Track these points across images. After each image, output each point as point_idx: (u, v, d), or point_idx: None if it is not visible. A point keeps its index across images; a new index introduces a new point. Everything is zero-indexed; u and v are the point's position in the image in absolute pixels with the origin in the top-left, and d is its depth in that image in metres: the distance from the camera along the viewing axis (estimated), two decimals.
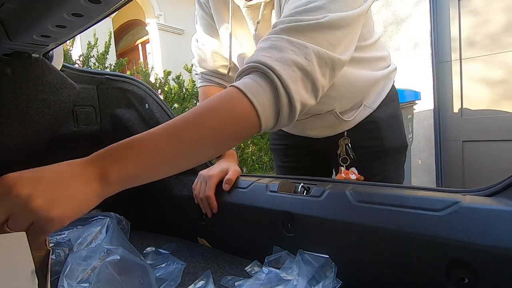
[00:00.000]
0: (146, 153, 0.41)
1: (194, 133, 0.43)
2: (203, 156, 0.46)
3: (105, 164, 0.40)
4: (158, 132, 0.44)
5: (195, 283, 0.61)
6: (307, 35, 0.47)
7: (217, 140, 0.45)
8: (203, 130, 0.44)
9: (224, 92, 0.47)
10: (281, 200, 0.62)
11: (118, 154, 0.41)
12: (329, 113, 0.80)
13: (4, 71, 0.74)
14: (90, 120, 0.97)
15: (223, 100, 0.45)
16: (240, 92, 0.45)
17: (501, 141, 2.33)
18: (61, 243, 0.68)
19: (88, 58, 2.85)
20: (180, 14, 6.27)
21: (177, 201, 0.86)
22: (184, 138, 0.43)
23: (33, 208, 0.34)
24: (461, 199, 0.45)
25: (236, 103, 0.45)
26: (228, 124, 0.45)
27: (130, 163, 0.41)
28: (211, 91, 0.92)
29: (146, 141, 0.43)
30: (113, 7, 0.50)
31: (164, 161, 0.43)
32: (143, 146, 0.42)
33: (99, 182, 0.39)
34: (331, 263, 0.53)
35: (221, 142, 0.46)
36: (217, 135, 0.45)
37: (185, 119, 0.44)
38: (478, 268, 0.41)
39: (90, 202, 0.38)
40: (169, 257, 0.72)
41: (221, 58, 0.89)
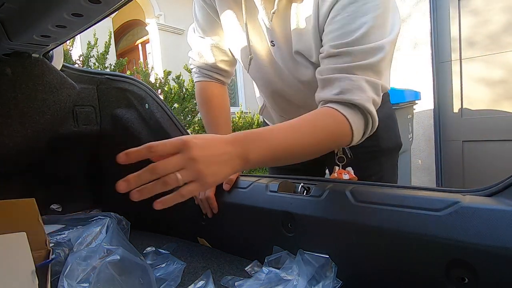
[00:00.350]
0: (275, 143, 0.52)
1: (310, 134, 0.56)
2: (309, 154, 0.58)
3: (248, 147, 0.49)
4: (283, 127, 0.55)
5: (195, 283, 0.61)
6: (375, 70, 0.59)
7: (321, 148, 0.59)
8: (316, 133, 0.57)
9: (335, 117, 0.58)
10: (281, 200, 0.62)
11: (257, 140, 0.51)
12: None
13: (4, 71, 0.74)
14: (90, 120, 0.97)
15: (335, 125, 0.58)
16: (347, 123, 0.58)
17: (501, 141, 2.32)
18: (61, 243, 0.68)
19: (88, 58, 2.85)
20: (180, 14, 6.27)
21: None
22: (302, 135, 0.55)
23: (199, 170, 0.45)
24: (461, 199, 0.45)
25: (343, 129, 0.58)
26: (331, 140, 0.60)
27: (265, 149, 0.51)
28: (210, 87, 0.90)
29: (275, 134, 0.53)
30: (113, 7, 0.50)
31: (286, 152, 0.53)
32: (273, 137, 0.52)
33: (241, 161, 0.49)
34: (331, 263, 0.53)
35: (322, 150, 0.60)
36: (322, 145, 0.59)
37: (305, 121, 0.57)
38: (478, 268, 0.41)
39: (232, 175, 0.51)
40: (169, 257, 0.72)
41: (220, 53, 0.87)
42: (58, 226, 0.78)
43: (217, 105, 0.90)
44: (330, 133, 0.58)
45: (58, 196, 1.02)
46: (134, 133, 0.93)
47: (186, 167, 0.45)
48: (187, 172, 0.45)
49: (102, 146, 1.02)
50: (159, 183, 0.44)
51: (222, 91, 0.92)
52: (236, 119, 4.20)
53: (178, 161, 0.45)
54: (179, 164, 0.45)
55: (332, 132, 0.58)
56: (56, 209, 1.02)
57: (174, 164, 0.45)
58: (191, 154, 0.45)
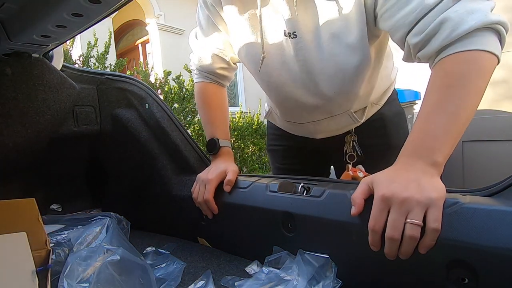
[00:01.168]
0: (442, 130, 0.49)
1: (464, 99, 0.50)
2: None
3: (429, 156, 0.47)
4: (434, 112, 0.51)
5: (195, 283, 0.61)
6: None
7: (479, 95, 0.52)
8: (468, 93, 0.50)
9: (468, 61, 0.51)
10: (281, 200, 0.62)
11: (433, 143, 0.48)
12: (345, 113, 0.80)
13: (4, 71, 0.74)
14: (90, 120, 0.97)
15: (483, 68, 0.51)
16: (486, 54, 0.51)
17: (501, 141, 2.32)
18: (61, 243, 0.68)
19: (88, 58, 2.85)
20: (180, 14, 6.27)
21: (177, 201, 0.86)
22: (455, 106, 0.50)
23: (420, 200, 0.43)
24: (461, 199, 0.45)
25: (490, 64, 0.51)
26: (484, 82, 0.51)
27: (446, 145, 0.48)
28: (208, 88, 0.90)
29: (431, 123, 0.50)
30: (113, 7, 0.50)
31: (459, 125, 0.49)
32: (435, 129, 0.49)
33: (435, 169, 0.47)
34: (331, 263, 0.53)
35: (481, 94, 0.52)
36: (480, 92, 0.51)
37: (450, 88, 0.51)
38: (478, 268, 0.41)
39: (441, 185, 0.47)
40: (169, 257, 0.72)
41: (221, 60, 0.87)
42: (58, 226, 0.78)
43: (215, 105, 0.90)
44: (479, 78, 0.50)
45: (58, 196, 1.03)
46: (134, 133, 0.93)
47: (410, 209, 0.43)
48: (414, 212, 0.43)
49: (102, 146, 1.02)
50: (408, 243, 0.43)
51: (220, 92, 0.92)
52: (236, 119, 4.21)
53: (398, 215, 0.44)
54: (401, 216, 0.44)
55: (479, 75, 0.50)
56: (56, 209, 1.02)
57: (398, 221, 0.44)
58: (400, 198, 0.44)
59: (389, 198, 0.45)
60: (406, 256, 0.45)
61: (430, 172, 0.46)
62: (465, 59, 0.51)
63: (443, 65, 0.53)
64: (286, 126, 0.94)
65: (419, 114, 0.53)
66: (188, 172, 0.89)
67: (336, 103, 0.77)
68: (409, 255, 0.44)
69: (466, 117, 0.49)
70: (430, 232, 0.42)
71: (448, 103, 0.50)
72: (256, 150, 4.26)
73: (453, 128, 0.49)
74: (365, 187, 0.49)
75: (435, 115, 0.50)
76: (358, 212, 0.49)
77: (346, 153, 0.87)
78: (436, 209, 0.43)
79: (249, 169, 4.14)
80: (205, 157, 0.92)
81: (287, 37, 0.69)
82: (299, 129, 0.91)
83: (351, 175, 0.81)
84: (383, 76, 0.81)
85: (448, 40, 0.51)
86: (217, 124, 0.87)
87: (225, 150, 0.84)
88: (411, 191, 0.44)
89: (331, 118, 0.81)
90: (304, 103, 0.78)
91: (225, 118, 0.91)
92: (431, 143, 0.48)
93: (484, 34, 0.51)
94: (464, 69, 0.51)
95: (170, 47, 6.16)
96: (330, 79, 0.72)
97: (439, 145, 0.48)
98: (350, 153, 0.86)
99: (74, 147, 1.00)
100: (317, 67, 0.70)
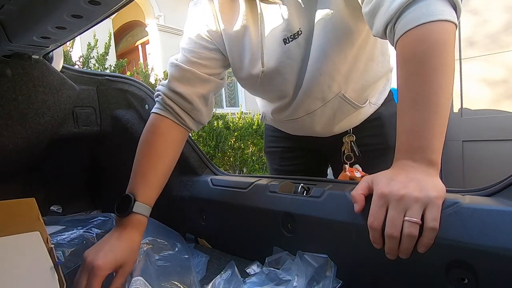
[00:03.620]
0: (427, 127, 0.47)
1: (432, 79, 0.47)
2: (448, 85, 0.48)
3: (423, 157, 0.46)
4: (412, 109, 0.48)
5: (220, 274, 0.61)
6: None
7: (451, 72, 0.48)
8: (437, 72, 0.47)
9: (424, 38, 0.47)
10: (281, 201, 0.62)
11: (422, 143, 0.47)
12: (337, 97, 0.76)
13: (4, 73, 0.74)
14: (90, 121, 0.97)
15: (437, 45, 0.47)
16: (445, 22, 0.47)
17: (501, 141, 2.32)
18: (61, 244, 0.68)
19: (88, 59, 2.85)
20: (180, 15, 6.28)
21: (177, 201, 0.86)
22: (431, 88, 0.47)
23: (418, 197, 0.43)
24: (461, 199, 0.45)
25: (447, 35, 0.47)
26: (451, 58, 0.48)
27: (435, 141, 0.47)
28: (163, 122, 0.70)
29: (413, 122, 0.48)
30: (113, 8, 0.50)
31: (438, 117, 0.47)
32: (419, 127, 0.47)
33: (433, 168, 0.46)
34: (330, 263, 0.53)
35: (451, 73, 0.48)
36: (450, 68, 0.48)
37: (415, 74, 0.48)
38: (478, 268, 0.41)
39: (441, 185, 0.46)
40: (192, 250, 0.74)
41: (200, 86, 0.72)
42: (58, 227, 0.78)
43: (159, 151, 0.67)
44: (443, 54, 0.47)
45: (58, 197, 1.03)
46: (134, 134, 0.93)
47: (408, 207, 0.43)
48: (412, 210, 0.43)
49: (102, 147, 1.02)
50: (407, 241, 0.43)
51: (176, 136, 0.71)
52: (236, 119, 4.21)
53: (396, 213, 0.44)
54: (399, 213, 0.43)
55: (438, 53, 0.47)
56: (56, 210, 1.02)
57: (397, 219, 0.43)
58: (398, 196, 0.44)
59: (387, 195, 0.45)
60: (406, 254, 0.44)
61: (429, 171, 0.46)
62: (418, 39, 0.48)
63: (399, 49, 0.50)
64: (283, 126, 0.93)
65: (398, 113, 0.51)
66: (188, 173, 0.89)
67: (324, 83, 0.72)
68: (409, 254, 0.44)
69: (443, 102, 0.47)
70: (428, 231, 0.42)
71: (420, 95, 0.47)
72: (256, 150, 4.26)
73: (436, 120, 0.47)
74: (364, 185, 0.49)
75: (413, 113, 0.48)
76: (361, 208, 0.48)
77: (344, 153, 0.87)
78: (434, 208, 0.42)
79: (249, 170, 4.14)
80: (205, 157, 0.92)
81: (289, 39, 0.69)
82: (296, 126, 0.87)
83: (349, 175, 0.81)
84: (377, 70, 0.79)
85: (390, 14, 0.49)
86: (146, 178, 0.65)
87: (137, 219, 0.61)
88: (409, 188, 0.44)
89: (325, 106, 0.77)
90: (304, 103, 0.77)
91: (162, 174, 0.67)
92: (420, 143, 0.47)
93: (428, 2, 0.47)
94: (419, 51, 0.47)
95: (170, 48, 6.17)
96: (316, 61, 0.69)
97: (429, 143, 0.47)
98: (348, 154, 0.86)
99: (74, 148, 1.00)
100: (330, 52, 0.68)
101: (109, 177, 1.06)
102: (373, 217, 0.46)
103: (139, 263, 0.58)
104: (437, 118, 0.47)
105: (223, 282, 0.57)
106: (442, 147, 0.47)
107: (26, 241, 0.50)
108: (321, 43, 0.67)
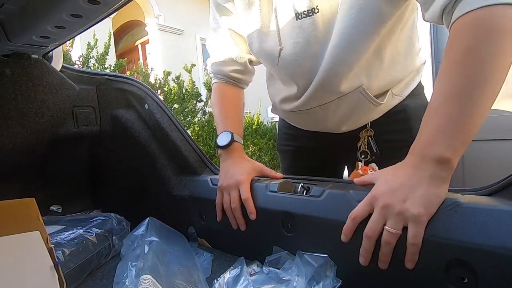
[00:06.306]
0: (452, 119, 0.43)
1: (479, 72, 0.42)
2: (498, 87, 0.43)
3: (436, 153, 0.43)
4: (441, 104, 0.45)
5: (229, 270, 0.61)
6: None
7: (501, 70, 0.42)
8: (485, 66, 0.41)
9: (487, 25, 0.41)
10: (281, 200, 0.62)
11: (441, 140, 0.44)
12: (356, 91, 0.68)
13: (4, 72, 0.74)
14: (90, 120, 0.97)
15: (496, 36, 0.41)
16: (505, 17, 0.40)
17: (501, 140, 2.32)
18: (61, 243, 0.68)
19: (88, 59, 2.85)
20: (179, 14, 6.27)
21: (177, 201, 0.86)
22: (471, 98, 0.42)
23: (400, 212, 0.43)
24: (461, 198, 0.44)
25: (509, 21, 0.41)
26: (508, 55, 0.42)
27: (456, 139, 0.43)
28: (224, 87, 0.88)
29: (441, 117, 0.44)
30: (112, 8, 0.50)
31: (470, 116, 0.43)
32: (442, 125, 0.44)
33: (439, 165, 0.43)
34: (330, 262, 0.53)
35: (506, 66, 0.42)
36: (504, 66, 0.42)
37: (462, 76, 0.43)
38: (478, 268, 0.41)
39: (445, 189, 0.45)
40: (196, 249, 0.74)
41: (234, 63, 0.85)
42: (58, 227, 0.78)
43: (229, 101, 0.86)
44: (500, 48, 0.41)
45: (58, 197, 1.03)
46: (134, 133, 0.93)
47: (388, 217, 0.44)
48: (392, 220, 0.43)
49: (101, 146, 1.02)
50: (384, 247, 0.44)
51: (237, 91, 0.89)
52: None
53: (377, 218, 0.45)
54: (380, 219, 0.44)
55: (499, 40, 0.40)
56: (56, 210, 1.02)
57: (376, 223, 0.44)
58: (383, 203, 0.44)
59: (376, 198, 0.46)
60: (384, 262, 0.45)
61: (438, 175, 0.43)
62: (472, 23, 0.42)
63: (450, 35, 0.45)
64: (293, 118, 0.87)
65: (428, 106, 0.47)
66: (188, 173, 0.89)
67: (342, 75, 0.66)
68: (387, 263, 0.45)
69: (483, 101, 0.42)
70: (409, 246, 0.42)
71: (456, 88, 0.43)
72: (256, 150, 4.26)
73: (467, 118, 0.42)
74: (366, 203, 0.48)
75: (443, 108, 0.44)
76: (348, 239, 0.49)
77: (360, 149, 0.77)
78: (416, 226, 0.42)
79: None
80: (205, 157, 0.92)
81: (305, 17, 0.63)
82: (307, 119, 0.80)
83: (361, 174, 0.73)
84: (405, 64, 0.72)
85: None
86: (230, 119, 0.82)
87: (238, 146, 0.76)
88: (395, 198, 0.43)
89: (341, 99, 0.70)
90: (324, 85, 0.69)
91: (239, 115, 0.86)
92: (439, 138, 0.44)
93: None
94: (470, 37, 0.42)
95: (170, 47, 6.17)
96: (335, 48, 0.63)
97: (448, 141, 0.43)
98: (364, 150, 0.76)
99: (74, 148, 1.00)
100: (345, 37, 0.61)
101: (108, 176, 1.06)
102: (357, 211, 0.47)
103: (147, 261, 0.58)
104: (468, 115, 0.42)
105: (232, 278, 0.58)
106: (464, 148, 0.44)
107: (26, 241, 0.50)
108: (344, 28, 0.60)
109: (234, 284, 0.57)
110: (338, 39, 0.61)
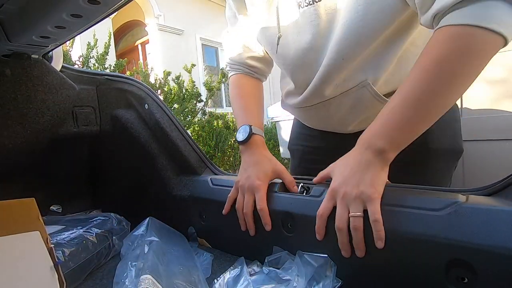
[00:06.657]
0: (395, 118, 0.49)
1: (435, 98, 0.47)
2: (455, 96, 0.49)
3: (376, 144, 0.49)
4: (398, 103, 0.49)
5: (229, 270, 0.61)
6: None
7: (465, 80, 0.46)
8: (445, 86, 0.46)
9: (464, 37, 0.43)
10: (281, 200, 0.62)
11: (380, 129, 0.50)
12: (361, 87, 0.64)
13: (4, 72, 0.74)
14: (90, 120, 0.97)
15: (468, 48, 0.43)
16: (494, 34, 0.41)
17: (501, 140, 2.32)
18: (61, 243, 0.68)
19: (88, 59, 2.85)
20: (179, 14, 6.27)
21: (177, 201, 0.86)
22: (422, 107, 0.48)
23: (357, 195, 0.48)
24: (461, 198, 0.45)
25: (486, 46, 0.43)
26: (477, 65, 0.45)
27: (398, 134, 0.49)
28: (241, 78, 0.86)
29: (393, 114, 0.49)
30: (112, 8, 0.50)
31: (418, 113, 0.48)
32: (390, 114, 0.49)
33: (379, 158, 0.49)
34: (330, 262, 0.53)
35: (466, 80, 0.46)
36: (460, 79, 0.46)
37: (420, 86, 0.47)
38: (478, 268, 0.41)
39: (385, 175, 0.51)
40: (196, 249, 0.74)
41: (250, 50, 0.84)
42: (58, 227, 0.78)
43: (248, 93, 0.84)
44: (470, 58, 0.43)
45: (58, 197, 1.03)
46: (134, 133, 0.93)
47: (349, 204, 0.48)
48: (353, 205, 0.48)
49: (101, 146, 1.02)
50: (354, 234, 0.48)
51: (255, 83, 0.87)
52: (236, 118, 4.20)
53: (341, 208, 0.49)
54: (343, 209, 0.49)
55: (466, 62, 0.43)
56: (56, 210, 1.02)
57: (342, 213, 0.49)
58: (342, 193, 0.49)
59: (336, 191, 0.51)
60: (360, 250, 0.48)
61: (376, 163, 0.49)
62: (450, 37, 0.43)
63: (432, 39, 0.46)
64: (300, 115, 0.83)
65: (392, 98, 0.50)
66: (188, 173, 0.89)
67: (345, 70, 0.63)
68: (363, 249, 0.48)
69: (433, 109, 0.47)
70: (372, 223, 0.46)
71: (413, 93, 0.47)
72: None
73: (413, 118, 0.48)
74: (328, 197, 0.53)
75: (401, 107, 0.48)
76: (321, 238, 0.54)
77: None
78: (372, 203, 0.47)
79: None
80: (205, 157, 0.92)
81: (303, 8, 0.61)
82: (311, 115, 0.77)
83: None
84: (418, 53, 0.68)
85: (443, 4, 0.43)
86: (249, 111, 0.79)
87: (258, 139, 0.73)
88: (349, 186, 0.49)
89: (344, 95, 0.66)
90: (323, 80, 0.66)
91: (258, 107, 0.83)
92: (386, 133, 0.49)
93: (491, 4, 0.40)
94: (442, 49, 0.44)
95: (170, 47, 6.17)
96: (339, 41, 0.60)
97: (395, 137, 0.48)
98: None
99: (74, 148, 1.00)
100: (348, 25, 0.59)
101: (108, 176, 1.06)
102: (322, 208, 0.52)
103: (147, 261, 0.58)
104: (420, 119, 0.48)
105: (232, 278, 0.58)
106: (405, 145, 0.50)
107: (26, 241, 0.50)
108: (349, 19, 0.57)
109: (234, 284, 0.57)
110: (342, 32, 0.58)
